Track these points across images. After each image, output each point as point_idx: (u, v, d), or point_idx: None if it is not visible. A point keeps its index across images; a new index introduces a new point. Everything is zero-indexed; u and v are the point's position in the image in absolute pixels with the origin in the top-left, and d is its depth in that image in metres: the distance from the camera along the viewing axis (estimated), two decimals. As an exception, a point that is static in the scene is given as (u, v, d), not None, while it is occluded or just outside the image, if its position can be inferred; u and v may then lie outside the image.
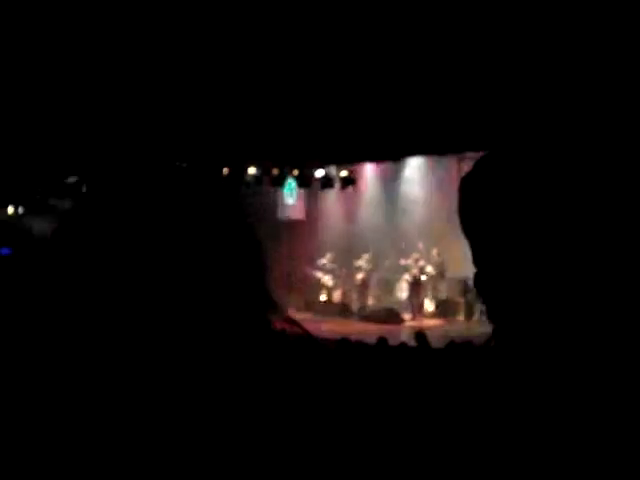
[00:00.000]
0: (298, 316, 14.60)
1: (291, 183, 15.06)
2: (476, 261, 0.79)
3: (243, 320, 0.76)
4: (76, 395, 0.67)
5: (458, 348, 6.29)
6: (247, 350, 0.75)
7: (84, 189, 13.50)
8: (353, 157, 12.86)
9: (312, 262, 16.21)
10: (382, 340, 7.86)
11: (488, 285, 0.76)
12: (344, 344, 7.35)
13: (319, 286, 16.23)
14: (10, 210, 15.84)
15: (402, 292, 15.15)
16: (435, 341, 8.05)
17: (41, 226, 14.07)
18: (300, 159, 12.94)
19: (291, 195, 16.42)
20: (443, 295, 14.72)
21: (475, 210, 0.78)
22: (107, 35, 6.38)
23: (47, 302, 0.69)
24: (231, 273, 0.75)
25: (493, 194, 0.75)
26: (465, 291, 13.67)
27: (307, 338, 1.01)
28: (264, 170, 13.34)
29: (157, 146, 9.95)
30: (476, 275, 0.78)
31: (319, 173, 13.67)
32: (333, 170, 13.82)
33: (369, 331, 11.15)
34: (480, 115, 8.08)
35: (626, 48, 6.05)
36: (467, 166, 0.87)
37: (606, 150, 0.72)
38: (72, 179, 13.70)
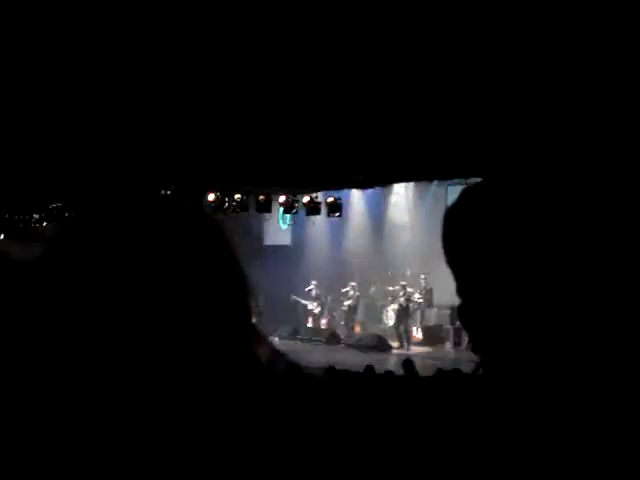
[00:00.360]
0: (284, 343, 14.60)
1: (281, 211, 15.07)
2: (460, 292, 0.80)
3: (227, 351, 0.75)
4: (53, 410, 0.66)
5: (446, 376, 6.26)
6: (231, 382, 0.74)
7: (67, 215, 13.47)
8: (339, 183, 12.95)
9: (298, 289, 16.19)
10: (369, 368, 7.81)
11: (472, 317, 0.76)
12: (331, 373, 7.28)
13: (305, 313, 16.19)
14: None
15: (389, 319, 15.14)
16: (423, 369, 8.02)
17: (22, 251, 13.94)
18: (286, 185, 13.00)
19: (283, 221, 16.46)
20: (431, 322, 14.73)
21: (459, 241, 0.80)
22: (88, 61, 6.42)
23: (29, 326, 0.69)
24: (214, 304, 0.74)
25: (476, 226, 0.77)
26: (453, 318, 13.69)
27: (292, 369, 0.99)
28: (249, 196, 13.38)
29: (142, 172, 9.95)
30: (460, 307, 0.78)
31: (305, 199, 13.72)
32: (319, 196, 13.88)
33: (357, 359, 11.10)
34: (467, 142, 8.18)
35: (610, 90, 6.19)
36: (455, 192, 0.87)
37: (588, 184, 0.74)
38: (55, 205, 13.65)
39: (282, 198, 13.69)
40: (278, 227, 16.91)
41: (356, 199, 16.35)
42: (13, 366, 0.71)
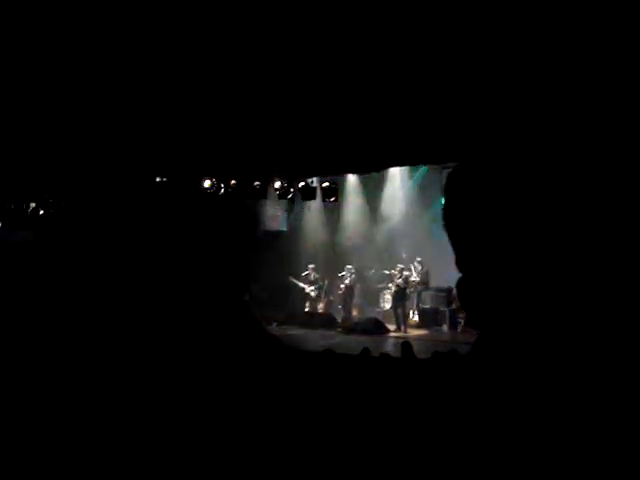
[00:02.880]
0: (282, 327, 14.63)
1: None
2: (460, 265, 0.78)
3: (223, 336, 0.76)
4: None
5: (442, 358, 6.29)
6: (228, 367, 0.76)
7: (62, 203, 13.41)
8: (335, 168, 12.91)
9: (295, 274, 16.21)
10: (365, 350, 7.84)
11: (472, 289, 0.75)
12: (328, 356, 7.32)
13: (302, 297, 16.21)
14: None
15: (386, 303, 15.18)
16: (420, 351, 8.06)
17: (19, 238, 13.91)
18: (281, 170, 12.96)
19: (274, 206, 16.42)
20: (427, 305, 14.78)
21: (460, 210, 0.77)
22: (82, 50, 6.37)
23: (25, 310, 0.70)
24: (210, 289, 0.76)
25: (478, 195, 0.74)
26: (449, 301, 13.75)
27: (289, 353, 1.02)
28: (245, 182, 13.33)
29: (137, 159, 9.91)
30: (460, 280, 0.77)
31: (300, 184, 13.67)
32: (315, 181, 13.84)
33: (354, 342, 11.15)
34: (464, 125, 8.16)
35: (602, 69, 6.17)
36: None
37: (589, 154, 0.72)
38: (49, 193, 13.58)
39: (277, 184, 13.64)
40: (274, 213, 16.89)
41: (351, 183, 16.31)
42: (7, 352, 0.72)
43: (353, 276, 15.52)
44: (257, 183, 13.32)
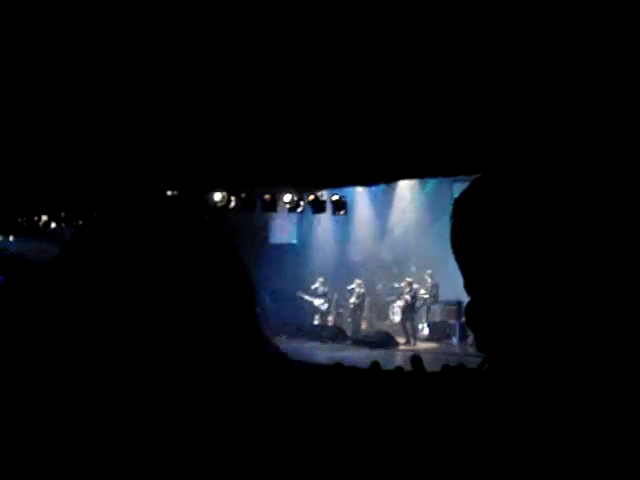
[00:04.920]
0: (291, 341, 14.50)
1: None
2: (468, 289, 0.77)
3: (231, 354, 0.75)
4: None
5: (452, 372, 6.24)
6: (236, 384, 0.75)
7: (76, 216, 13.49)
8: (344, 180, 12.92)
9: (305, 287, 16.17)
10: (375, 364, 7.80)
11: (481, 314, 0.72)
12: (338, 370, 7.28)
13: (312, 311, 16.16)
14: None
15: (395, 316, 15.11)
16: (429, 365, 8.00)
17: (36, 251, 14.00)
18: (291, 183, 12.99)
19: (285, 219, 16.43)
20: (437, 318, 14.69)
21: (468, 235, 0.75)
22: (93, 63, 6.42)
23: (45, 328, 0.70)
24: (218, 307, 0.75)
25: (487, 219, 0.72)
26: (459, 314, 13.64)
27: (297, 368, 1.00)
28: (256, 195, 13.36)
29: (148, 172, 9.95)
30: (469, 305, 0.74)
31: (310, 197, 13.68)
32: (324, 194, 13.85)
33: (364, 356, 11.08)
34: (473, 137, 8.14)
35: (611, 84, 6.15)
36: (459, 189, 0.85)
37: (598, 174, 0.70)
38: (62, 206, 13.66)
39: (287, 197, 13.66)
40: (284, 225, 16.88)
41: (361, 197, 16.29)
42: (23, 368, 0.71)
43: (362, 289, 15.47)
44: (267, 196, 13.35)
